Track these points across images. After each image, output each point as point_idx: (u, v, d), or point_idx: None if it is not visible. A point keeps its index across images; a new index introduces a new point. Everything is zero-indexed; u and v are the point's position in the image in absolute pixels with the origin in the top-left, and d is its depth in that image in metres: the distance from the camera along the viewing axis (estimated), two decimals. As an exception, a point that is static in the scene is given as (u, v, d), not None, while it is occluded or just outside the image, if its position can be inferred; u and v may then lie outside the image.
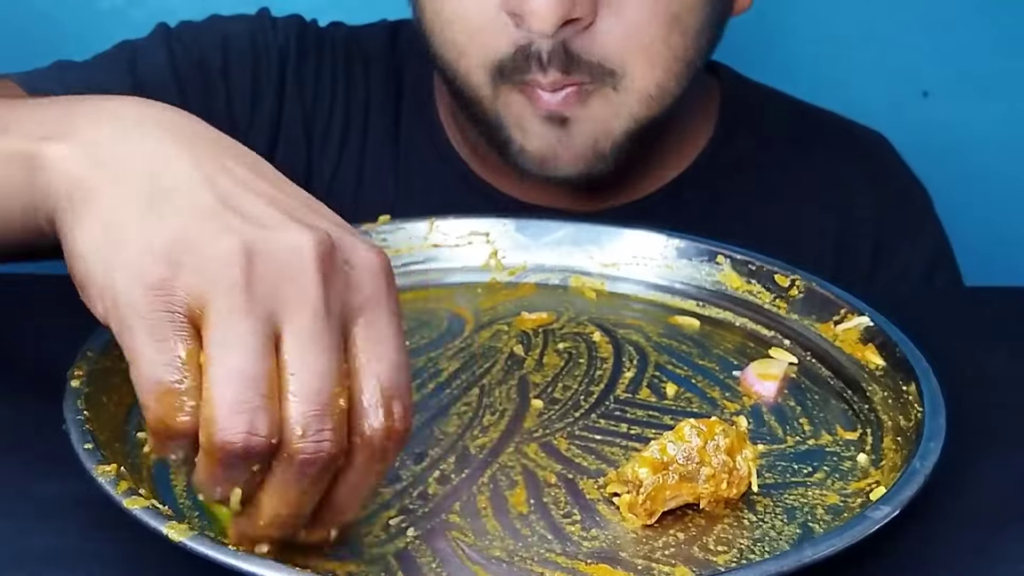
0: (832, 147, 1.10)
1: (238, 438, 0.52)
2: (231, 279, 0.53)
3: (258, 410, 0.52)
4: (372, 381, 0.55)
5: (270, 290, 0.53)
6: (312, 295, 0.54)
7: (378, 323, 0.56)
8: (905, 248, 1.08)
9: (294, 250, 0.54)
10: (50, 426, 0.66)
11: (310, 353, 0.53)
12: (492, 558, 0.61)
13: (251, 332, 0.53)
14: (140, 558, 0.61)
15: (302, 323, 0.53)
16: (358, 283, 0.55)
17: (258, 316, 0.53)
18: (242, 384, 0.52)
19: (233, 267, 0.53)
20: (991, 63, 1.46)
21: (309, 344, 0.53)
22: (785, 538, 0.63)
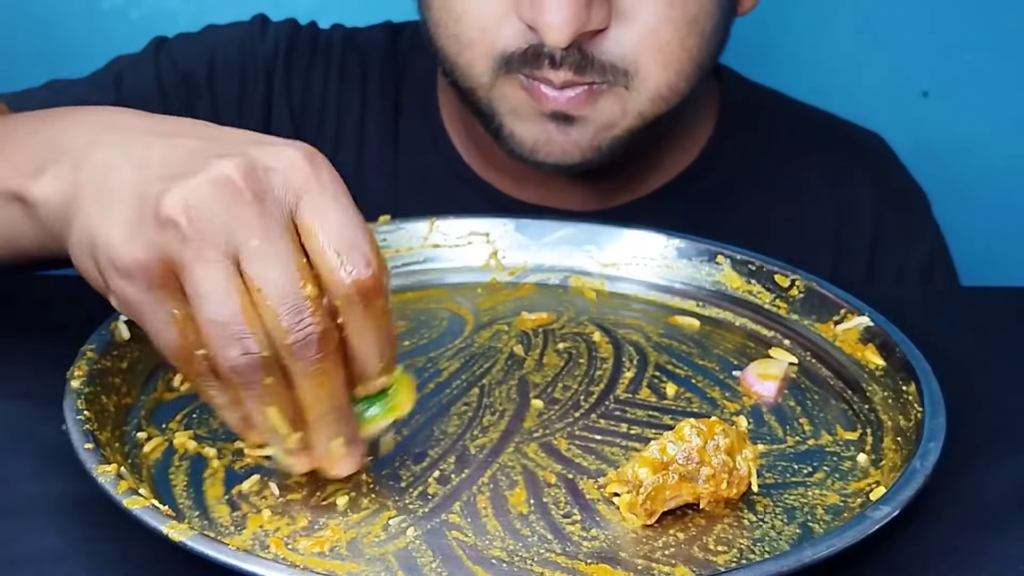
0: (830, 149, 1.11)
1: (240, 361, 0.59)
2: (178, 237, 0.59)
3: (243, 336, 0.59)
4: (324, 247, 0.60)
5: (214, 228, 0.59)
6: (249, 216, 0.59)
7: (314, 201, 0.60)
8: (903, 250, 1.08)
9: (219, 185, 0.59)
10: (50, 426, 0.66)
11: (265, 266, 0.59)
12: (492, 558, 0.61)
13: (213, 276, 0.59)
14: (140, 558, 0.61)
15: (251, 244, 0.59)
16: (285, 181, 0.60)
17: (213, 258, 0.59)
18: (222, 322, 0.59)
19: (175, 227, 0.59)
20: (991, 63, 1.46)
21: (262, 259, 0.59)
22: (785, 538, 0.63)
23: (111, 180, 0.62)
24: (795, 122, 1.12)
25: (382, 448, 0.68)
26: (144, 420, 0.71)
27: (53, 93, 1.01)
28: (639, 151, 0.98)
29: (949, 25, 1.45)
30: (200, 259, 0.59)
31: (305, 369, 0.60)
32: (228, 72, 1.05)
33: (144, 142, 0.64)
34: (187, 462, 0.67)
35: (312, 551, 0.61)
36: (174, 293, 0.60)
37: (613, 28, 0.88)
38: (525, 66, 0.90)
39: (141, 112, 0.68)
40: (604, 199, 1.03)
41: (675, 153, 1.05)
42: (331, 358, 0.60)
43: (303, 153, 0.61)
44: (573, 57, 0.88)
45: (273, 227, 0.59)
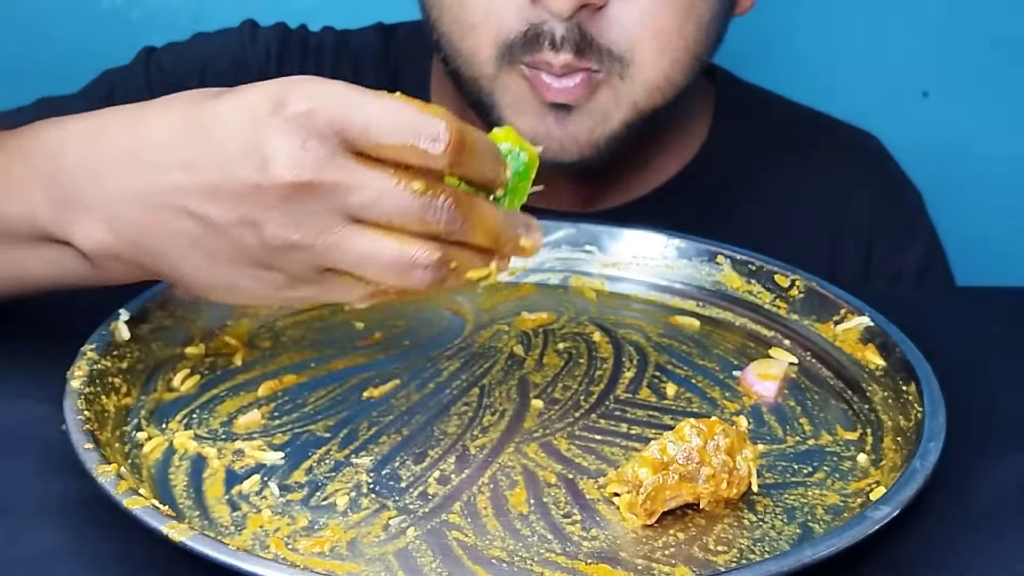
0: (825, 149, 1.11)
1: (427, 274, 0.63)
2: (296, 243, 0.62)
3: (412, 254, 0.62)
4: (399, 147, 0.62)
5: (315, 216, 0.62)
6: (333, 189, 0.61)
7: (354, 129, 0.62)
8: (899, 250, 1.08)
9: (292, 189, 0.61)
10: (50, 426, 0.66)
11: (375, 205, 0.62)
12: (492, 558, 0.61)
13: (352, 237, 0.62)
14: (140, 558, 0.61)
15: (348, 203, 0.62)
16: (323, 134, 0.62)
17: (341, 226, 0.62)
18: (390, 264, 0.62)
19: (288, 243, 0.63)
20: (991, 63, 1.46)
21: (367, 205, 0.62)
22: (785, 538, 0.63)
23: None
24: (790, 123, 1.12)
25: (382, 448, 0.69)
26: (144, 420, 0.71)
27: (44, 110, 0.99)
28: (634, 151, 0.98)
29: (949, 25, 1.45)
30: (334, 237, 0.62)
31: (468, 228, 0.63)
32: (221, 81, 1.03)
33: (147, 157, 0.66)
34: (187, 462, 0.68)
35: (312, 551, 0.61)
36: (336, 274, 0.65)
37: (613, 6, 0.88)
38: (527, 52, 0.90)
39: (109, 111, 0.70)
40: (599, 200, 1.03)
41: (670, 154, 1.05)
42: (473, 205, 0.64)
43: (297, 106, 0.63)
44: (573, 37, 0.88)
45: (352, 182, 0.61)
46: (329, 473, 0.67)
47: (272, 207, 0.62)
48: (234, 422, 0.71)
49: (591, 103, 0.91)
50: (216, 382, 0.75)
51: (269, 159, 0.62)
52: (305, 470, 0.67)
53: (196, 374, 0.75)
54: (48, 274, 0.72)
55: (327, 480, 0.66)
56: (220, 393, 0.74)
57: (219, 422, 0.71)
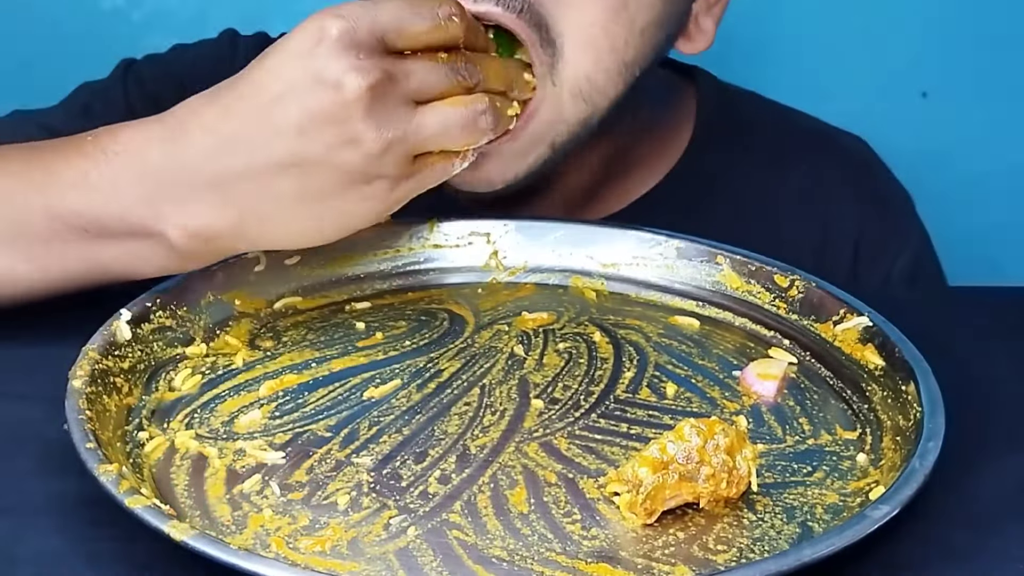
0: (811, 153, 1.09)
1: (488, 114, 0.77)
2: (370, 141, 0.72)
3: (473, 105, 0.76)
4: (413, 36, 0.75)
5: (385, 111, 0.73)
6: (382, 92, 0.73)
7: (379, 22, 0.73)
8: (886, 256, 1.07)
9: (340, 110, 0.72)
10: (52, 426, 0.66)
11: (419, 76, 0.74)
12: (492, 557, 0.61)
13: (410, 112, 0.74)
14: (142, 557, 0.61)
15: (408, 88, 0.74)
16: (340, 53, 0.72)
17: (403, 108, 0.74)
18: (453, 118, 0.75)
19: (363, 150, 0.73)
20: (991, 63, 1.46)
21: (416, 79, 0.74)
22: (785, 538, 0.64)
23: None
24: (774, 128, 1.10)
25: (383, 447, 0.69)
26: (146, 420, 0.71)
27: (19, 123, 0.99)
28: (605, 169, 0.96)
29: (949, 25, 1.45)
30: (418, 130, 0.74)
31: (487, 78, 0.77)
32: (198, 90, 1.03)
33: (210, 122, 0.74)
34: (188, 461, 0.68)
35: (313, 550, 0.61)
36: None
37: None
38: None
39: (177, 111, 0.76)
40: (577, 214, 1.00)
41: (649, 165, 1.03)
42: (480, 59, 0.77)
43: (336, 28, 0.72)
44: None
45: (404, 71, 0.73)
46: (330, 472, 0.67)
47: (361, 118, 0.71)
48: (235, 422, 0.71)
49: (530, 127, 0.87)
50: (217, 382, 0.75)
51: (340, 79, 0.71)
52: (306, 469, 0.67)
53: (197, 374, 0.75)
54: (128, 266, 0.77)
55: (328, 479, 0.66)
56: (221, 393, 0.74)
57: (220, 422, 0.71)
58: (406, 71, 0.73)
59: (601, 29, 0.86)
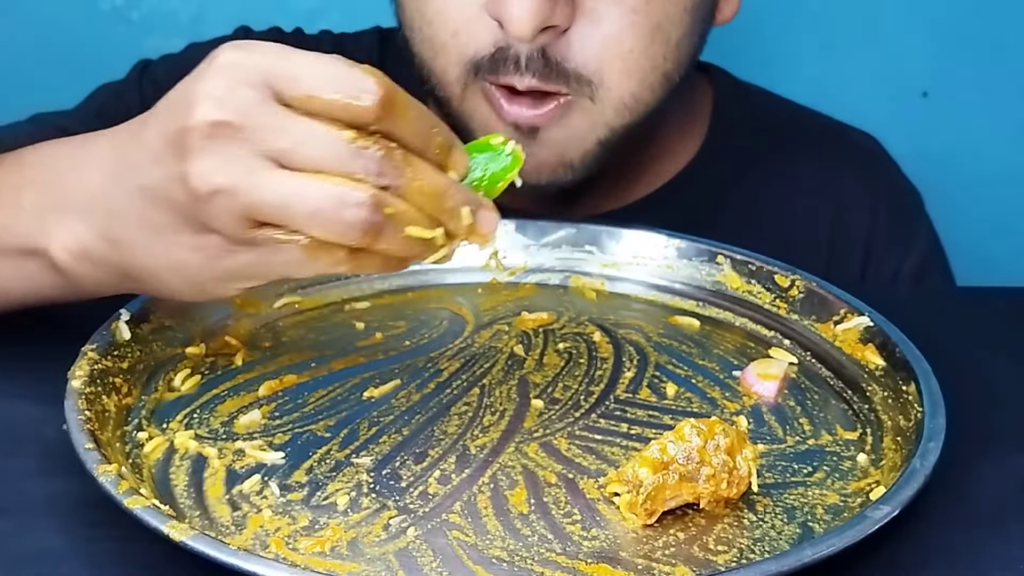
0: (824, 149, 1.10)
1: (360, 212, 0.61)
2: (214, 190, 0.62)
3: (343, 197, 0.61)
4: (328, 99, 0.62)
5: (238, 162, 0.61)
6: (253, 135, 0.61)
7: (281, 82, 0.62)
8: (897, 252, 1.08)
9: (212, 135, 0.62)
10: (51, 426, 0.66)
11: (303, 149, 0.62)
12: (492, 558, 0.61)
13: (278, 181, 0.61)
14: (141, 558, 0.61)
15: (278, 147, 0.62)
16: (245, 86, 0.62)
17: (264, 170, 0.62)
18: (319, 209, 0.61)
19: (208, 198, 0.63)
20: (991, 63, 1.46)
21: (297, 148, 0.62)
22: (785, 538, 0.63)
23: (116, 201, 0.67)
24: (788, 123, 1.12)
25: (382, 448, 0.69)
26: (145, 420, 0.71)
27: (40, 125, 0.99)
28: (625, 160, 0.97)
29: (949, 25, 1.45)
30: (256, 179, 0.61)
31: (402, 185, 0.62)
32: None
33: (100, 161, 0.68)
34: (188, 462, 0.68)
35: (313, 551, 0.61)
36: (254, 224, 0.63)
37: (576, 30, 0.87)
38: (492, 71, 0.89)
39: (66, 140, 0.72)
40: (593, 206, 1.02)
41: (667, 158, 1.05)
42: (410, 162, 0.62)
43: (227, 57, 0.63)
44: (537, 59, 0.87)
45: (278, 125, 0.61)
46: (330, 473, 0.67)
47: (196, 149, 0.62)
48: (235, 422, 0.71)
49: (563, 128, 0.90)
50: (217, 382, 0.75)
51: (193, 103, 0.62)
52: (306, 470, 0.67)
53: (197, 374, 0.75)
54: (24, 287, 0.74)
55: (328, 480, 0.66)
56: (221, 393, 0.74)
57: (220, 422, 0.71)
58: (281, 126, 0.61)
59: (641, 53, 0.89)
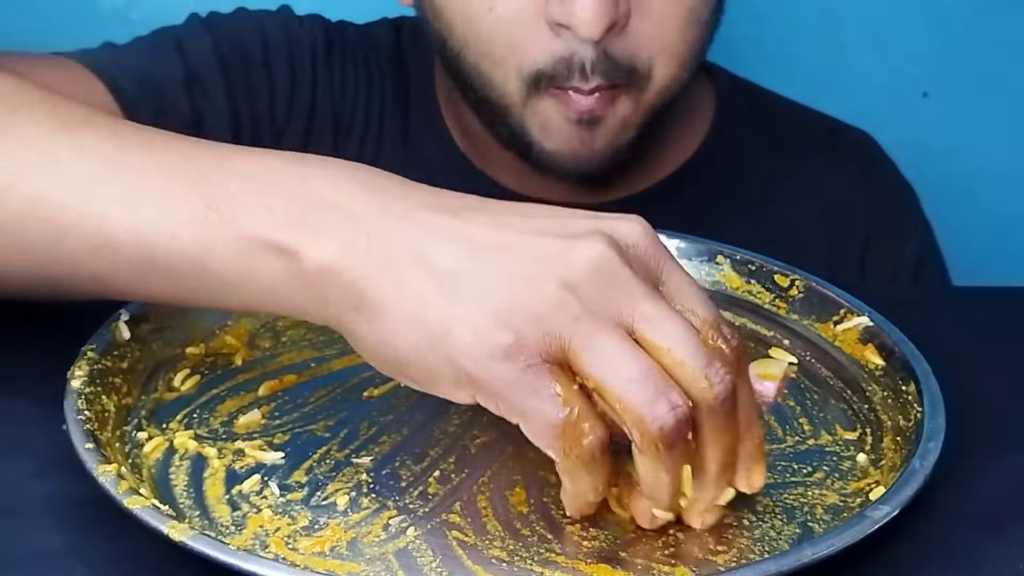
0: (822, 145, 1.12)
1: (670, 417, 0.57)
2: (571, 314, 0.58)
3: (668, 389, 0.57)
4: (696, 321, 0.60)
5: (603, 302, 0.58)
6: (635, 287, 0.59)
7: (673, 278, 0.61)
8: (894, 247, 1.09)
9: (598, 260, 0.59)
10: (50, 426, 0.66)
11: (667, 324, 0.58)
12: (492, 558, 0.61)
13: (618, 341, 0.58)
14: (141, 558, 0.61)
15: (644, 310, 0.58)
16: (644, 256, 0.61)
17: (610, 327, 0.58)
18: (643, 380, 0.57)
19: (566, 304, 0.58)
20: (991, 63, 1.46)
21: (662, 319, 0.58)
22: (785, 538, 0.63)
23: (440, 259, 0.59)
24: (786, 120, 1.13)
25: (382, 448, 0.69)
26: (145, 420, 0.71)
27: (120, 57, 1.00)
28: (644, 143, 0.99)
29: (949, 25, 1.45)
30: (600, 328, 0.58)
31: (719, 425, 0.59)
32: (280, 55, 1.05)
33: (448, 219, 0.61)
34: (188, 462, 0.68)
35: (312, 551, 0.61)
36: (554, 367, 0.58)
37: (630, 25, 0.90)
38: (556, 81, 0.91)
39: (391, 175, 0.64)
40: (604, 193, 1.04)
41: (673, 148, 1.06)
42: (735, 417, 0.60)
43: (646, 228, 0.62)
44: (601, 62, 0.90)
45: (656, 294, 0.59)
46: (329, 473, 0.67)
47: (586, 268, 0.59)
48: (234, 422, 0.71)
49: (613, 111, 0.93)
50: (216, 382, 0.75)
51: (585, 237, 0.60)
52: (305, 470, 0.67)
53: (196, 374, 0.75)
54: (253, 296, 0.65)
55: (327, 480, 0.66)
56: (220, 393, 0.74)
57: (219, 422, 0.71)
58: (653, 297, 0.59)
59: (681, 38, 0.93)
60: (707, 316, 0.60)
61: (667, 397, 0.57)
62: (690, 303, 0.60)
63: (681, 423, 0.57)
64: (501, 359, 0.57)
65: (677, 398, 0.57)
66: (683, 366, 0.58)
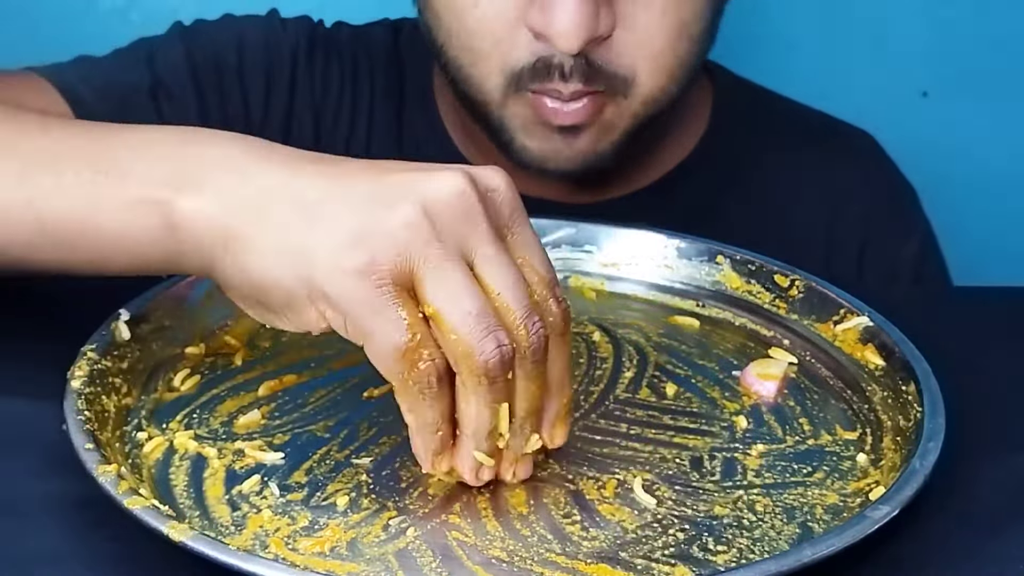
0: (821, 144, 1.12)
1: (496, 354, 0.61)
2: (423, 237, 0.61)
3: (498, 329, 0.61)
4: (534, 277, 0.64)
5: (453, 234, 0.62)
6: (485, 226, 0.62)
7: (524, 233, 0.65)
8: (893, 246, 1.09)
9: (457, 193, 0.62)
10: (50, 426, 0.66)
11: (503, 270, 0.62)
12: (492, 558, 0.61)
13: (460, 275, 0.61)
14: (140, 558, 0.61)
15: (486, 250, 0.62)
16: (500, 204, 0.64)
17: (456, 259, 0.61)
18: (477, 316, 0.61)
19: (419, 227, 0.61)
20: (991, 63, 1.46)
21: (499, 264, 0.62)
22: (785, 538, 0.63)
23: (309, 193, 0.63)
24: (786, 119, 1.13)
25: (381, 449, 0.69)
26: (145, 420, 0.71)
27: (87, 68, 1.01)
28: (635, 147, 0.99)
29: (949, 25, 1.45)
30: (447, 259, 0.61)
31: (531, 371, 0.62)
32: (256, 61, 1.06)
33: (322, 166, 0.65)
34: (187, 462, 0.68)
35: (312, 551, 0.61)
36: (404, 292, 0.61)
37: (615, 36, 0.90)
38: (534, 80, 0.91)
39: (281, 146, 0.68)
40: (599, 193, 1.04)
41: (670, 148, 1.07)
42: (545, 369, 0.63)
43: (509, 180, 0.65)
44: (581, 68, 0.90)
45: (500, 241, 0.63)
46: (329, 473, 0.67)
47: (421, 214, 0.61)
48: (234, 422, 0.71)
49: (595, 121, 0.93)
50: (216, 382, 0.75)
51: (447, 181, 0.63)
52: (305, 470, 0.67)
53: (196, 374, 0.75)
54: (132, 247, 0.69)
55: (327, 480, 0.66)
56: (220, 393, 0.74)
57: (219, 422, 0.71)
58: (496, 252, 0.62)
59: (669, 51, 0.92)
60: (545, 274, 0.64)
61: (496, 335, 0.61)
62: (532, 259, 0.64)
63: (506, 361, 0.61)
64: (353, 276, 0.60)
65: (504, 338, 0.61)
66: (508, 312, 0.61)
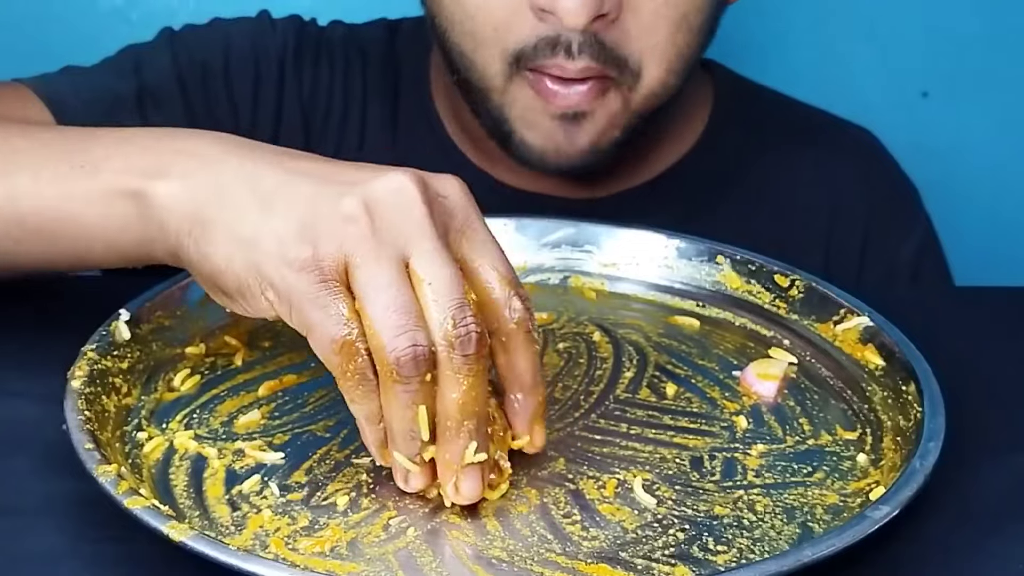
0: (821, 144, 1.12)
1: (408, 351, 0.61)
2: (360, 233, 0.62)
3: (415, 328, 0.61)
4: (493, 274, 0.65)
5: (391, 229, 0.62)
6: (424, 222, 0.63)
7: (478, 235, 0.66)
8: (893, 244, 1.09)
9: (399, 191, 0.63)
10: (51, 426, 0.66)
11: (436, 264, 0.62)
12: (492, 558, 0.61)
13: (388, 269, 0.62)
14: (141, 558, 0.61)
15: (423, 246, 0.63)
16: (452, 208, 0.65)
17: (389, 255, 0.62)
18: (396, 312, 0.61)
19: (357, 222, 0.62)
20: (991, 63, 1.46)
21: (433, 258, 0.62)
22: (785, 538, 0.63)
23: (265, 183, 0.65)
24: (786, 117, 1.13)
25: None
26: (145, 420, 0.71)
27: (74, 78, 1.01)
28: (635, 143, 0.99)
29: (949, 25, 1.45)
30: (379, 254, 0.62)
31: (459, 367, 0.62)
32: (243, 65, 1.06)
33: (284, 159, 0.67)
34: (188, 462, 0.68)
35: (312, 551, 0.61)
36: (343, 287, 0.62)
37: (622, 19, 0.90)
38: (537, 58, 0.90)
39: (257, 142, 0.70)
40: (599, 188, 1.04)
41: (669, 144, 1.06)
42: (482, 363, 0.62)
43: (463, 187, 0.66)
44: (590, 44, 0.89)
45: (441, 240, 0.63)
46: (329, 473, 0.67)
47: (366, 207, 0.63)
48: (234, 422, 0.71)
49: (600, 108, 0.93)
50: (216, 382, 0.75)
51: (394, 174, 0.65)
52: (305, 470, 0.67)
53: (196, 374, 0.75)
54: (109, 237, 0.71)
55: (327, 480, 0.66)
56: (220, 393, 0.74)
57: (219, 422, 0.71)
58: (433, 236, 0.63)
59: (669, 43, 0.92)
60: (505, 273, 0.65)
61: (412, 334, 0.61)
62: (491, 261, 0.65)
63: (418, 359, 0.61)
64: (298, 270, 0.62)
65: (422, 338, 0.61)
66: (435, 304, 0.61)
